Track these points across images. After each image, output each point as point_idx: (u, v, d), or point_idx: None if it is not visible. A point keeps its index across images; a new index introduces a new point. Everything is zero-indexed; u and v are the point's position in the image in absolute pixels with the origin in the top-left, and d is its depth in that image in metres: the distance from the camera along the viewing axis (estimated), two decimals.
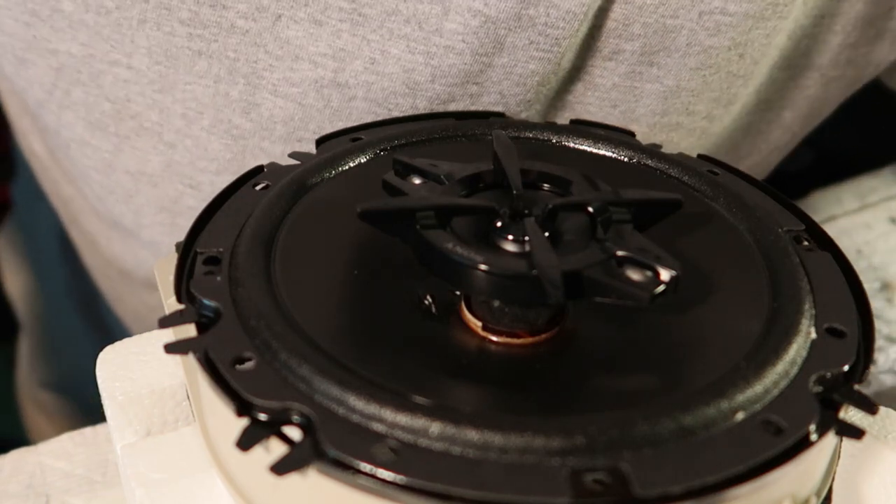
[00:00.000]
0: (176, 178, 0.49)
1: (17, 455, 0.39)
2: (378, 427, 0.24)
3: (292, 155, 0.35)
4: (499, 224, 0.28)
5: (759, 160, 0.54)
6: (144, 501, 0.28)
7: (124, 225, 0.54)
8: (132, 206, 0.51)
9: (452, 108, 0.42)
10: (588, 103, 0.44)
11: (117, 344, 0.32)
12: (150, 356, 0.32)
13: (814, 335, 0.28)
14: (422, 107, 0.42)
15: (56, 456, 0.39)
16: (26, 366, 0.77)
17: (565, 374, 0.27)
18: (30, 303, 0.75)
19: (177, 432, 0.30)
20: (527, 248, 0.27)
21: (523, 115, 0.43)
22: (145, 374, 0.31)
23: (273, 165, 0.34)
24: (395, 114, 0.42)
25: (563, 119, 0.44)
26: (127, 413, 0.31)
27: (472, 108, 0.42)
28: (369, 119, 0.42)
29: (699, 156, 0.36)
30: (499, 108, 0.42)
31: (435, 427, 0.24)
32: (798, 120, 0.52)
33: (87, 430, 0.40)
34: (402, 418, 0.24)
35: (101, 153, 0.49)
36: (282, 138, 0.45)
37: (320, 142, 0.36)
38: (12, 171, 0.74)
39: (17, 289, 0.76)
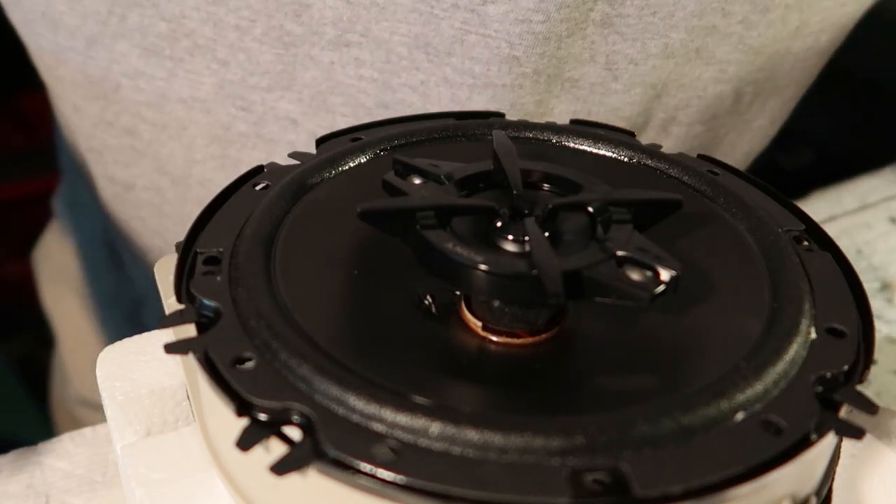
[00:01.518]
0: (228, 100, 0.49)
1: (16, 455, 0.39)
2: (378, 427, 0.24)
3: (292, 155, 0.35)
4: (499, 224, 0.28)
5: (795, 92, 0.54)
6: (144, 501, 0.28)
7: (175, 168, 0.53)
8: (184, 140, 0.51)
9: None
10: (627, 15, 0.44)
11: (117, 344, 0.32)
12: (150, 356, 0.32)
13: (814, 335, 0.27)
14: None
15: (56, 456, 0.39)
16: (61, 382, 0.76)
17: (565, 374, 0.27)
18: (72, 315, 0.74)
19: (177, 432, 0.30)
20: (527, 248, 0.27)
21: (542, 25, 0.43)
22: (145, 374, 0.31)
23: (273, 165, 0.34)
24: (437, 11, 0.43)
25: (602, 36, 0.45)
26: (127, 413, 0.31)
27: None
28: (413, 18, 0.43)
29: (699, 156, 0.36)
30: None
31: (435, 427, 0.23)
32: (831, 43, 0.52)
33: (87, 431, 0.40)
34: (402, 418, 0.24)
35: (156, 82, 0.49)
36: (331, 43, 0.45)
37: (320, 142, 0.36)
38: (56, 165, 0.74)
39: (56, 301, 0.75)
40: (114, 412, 0.31)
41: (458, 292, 0.29)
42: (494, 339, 0.28)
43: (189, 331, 0.27)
